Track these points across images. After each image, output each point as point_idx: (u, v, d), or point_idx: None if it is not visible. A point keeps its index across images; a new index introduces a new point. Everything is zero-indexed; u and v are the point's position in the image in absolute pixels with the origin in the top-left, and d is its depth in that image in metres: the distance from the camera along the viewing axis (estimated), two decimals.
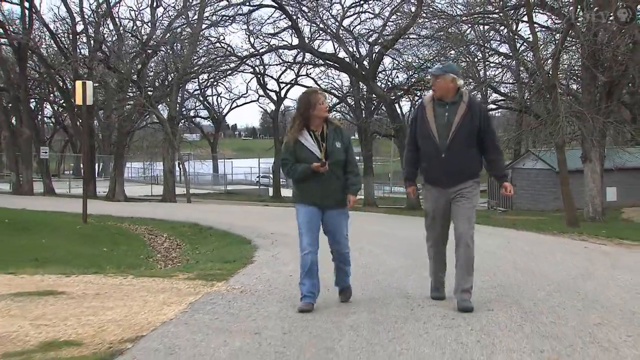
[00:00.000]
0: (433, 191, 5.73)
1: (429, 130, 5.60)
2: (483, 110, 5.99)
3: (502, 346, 4.38)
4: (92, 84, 15.41)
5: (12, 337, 4.64)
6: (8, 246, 9.70)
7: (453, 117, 5.54)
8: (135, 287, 6.53)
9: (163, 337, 4.63)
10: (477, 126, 5.59)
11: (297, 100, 5.88)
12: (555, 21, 24.46)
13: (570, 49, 23.06)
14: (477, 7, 27.99)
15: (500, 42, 30.59)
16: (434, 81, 5.70)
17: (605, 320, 5.15)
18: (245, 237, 11.97)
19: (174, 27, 33.95)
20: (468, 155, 5.58)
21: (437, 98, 5.66)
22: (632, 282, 6.89)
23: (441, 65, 6.04)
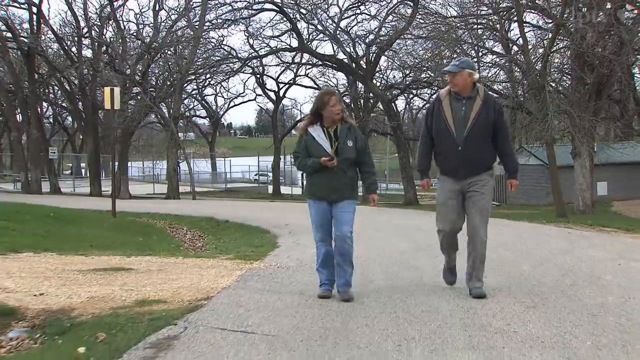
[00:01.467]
0: (448, 182, 5.96)
1: (446, 123, 5.83)
2: (498, 105, 6.10)
3: (493, 300, 5.73)
4: (119, 89, 16.66)
5: (111, 297, 5.99)
6: (64, 235, 11.00)
7: (470, 112, 5.78)
8: (188, 265, 7.89)
9: (229, 296, 5.98)
10: (492, 121, 5.82)
11: (315, 99, 6.16)
12: (547, 21, 25.85)
13: (559, 51, 24.30)
14: (471, 8, 29.36)
15: (494, 43, 31.90)
16: (452, 78, 5.86)
17: (576, 283, 6.55)
18: (262, 227, 13.36)
19: (176, 29, 35.23)
20: (483, 148, 5.81)
21: (455, 92, 5.86)
22: (602, 257, 8.30)
23: (457, 62, 6.11)
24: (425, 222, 15.21)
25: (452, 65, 6.00)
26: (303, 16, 33.54)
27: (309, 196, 6.01)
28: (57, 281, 6.62)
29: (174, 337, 4.57)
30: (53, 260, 7.88)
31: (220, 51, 35.91)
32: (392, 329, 4.76)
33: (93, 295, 6.05)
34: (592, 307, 5.39)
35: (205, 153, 58.74)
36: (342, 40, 33.97)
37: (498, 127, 5.86)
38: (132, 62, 33.67)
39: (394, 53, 34.71)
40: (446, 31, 25.90)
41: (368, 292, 6.11)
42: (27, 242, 9.33)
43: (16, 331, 5.37)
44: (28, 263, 7.54)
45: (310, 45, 34.84)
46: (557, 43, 24.93)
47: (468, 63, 6.12)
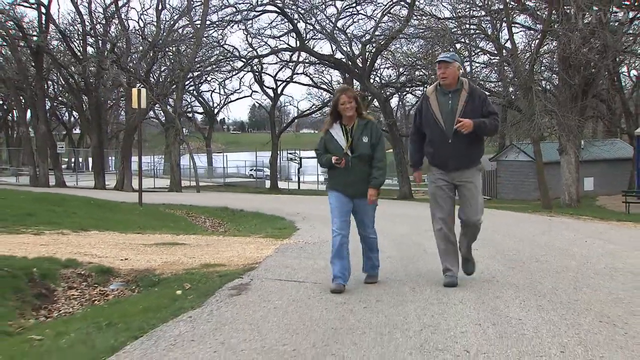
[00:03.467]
0: (439, 174, 6.15)
1: (434, 118, 6.01)
2: (482, 95, 6.23)
3: (482, 263, 7.43)
4: (145, 91, 18.25)
5: (180, 262, 7.67)
6: (112, 218, 12.64)
7: (456, 104, 5.95)
8: (229, 241, 9.58)
9: (273, 261, 7.65)
10: (479, 111, 5.97)
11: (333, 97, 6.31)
12: (536, 22, 27.56)
13: (546, 55, 25.97)
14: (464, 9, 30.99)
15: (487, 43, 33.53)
16: (444, 69, 5.97)
17: (548, 253, 8.27)
18: (277, 215, 15.06)
19: (178, 27, 36.82)
20: (472, 139, 5.99)
21: (443, 85, 6.03)
22: (574, 237, 10.06)
23: (449, 54, 6.25)
24: (419, 212, 16.93)
25: (444, 56, 6.15)
26: (301, 16, 35.17)
27: (330, 188, 6.18)
28: (131, 251, 8.30)
29: (245, 284, 6.24)
30: (117, 236, 9.57)
31: (220, 49, 37.53)
32: (405, 279, 6.46)
33: (166, 261, 7.74)
34: (557, 267, 7.12)
35: (201, 148, 60.25)
36: (339, 40, 35.61)
37: (483, 114, 5.99)
38: (136, 60, 35.23)
39: (390, 53, 36.33)
40: (441, 34, 27.36)
41: (384, 259, 7.81)
42: (88, 223, 11.01)
43: (115, 284, 7.07)
44: (99, 238, 9.22)
45: (307, 45, 36.50)
46: (547, 43, 26.70)
47: (456, 57, 6.35)
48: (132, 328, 4.72)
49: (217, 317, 4.96)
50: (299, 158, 49.90)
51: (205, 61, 37.19)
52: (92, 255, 7.79)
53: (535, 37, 25.98)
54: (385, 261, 7.62)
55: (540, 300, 5.42)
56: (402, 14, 34.56)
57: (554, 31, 23.77)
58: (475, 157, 6.15)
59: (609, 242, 9.48)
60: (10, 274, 6.40)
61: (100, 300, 6.64)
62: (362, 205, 6.08)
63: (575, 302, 5.37)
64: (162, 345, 4.23)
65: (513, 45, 23.83)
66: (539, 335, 4.35)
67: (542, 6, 26.26)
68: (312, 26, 35.88)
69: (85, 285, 6.93)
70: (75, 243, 8.65)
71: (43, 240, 8.74)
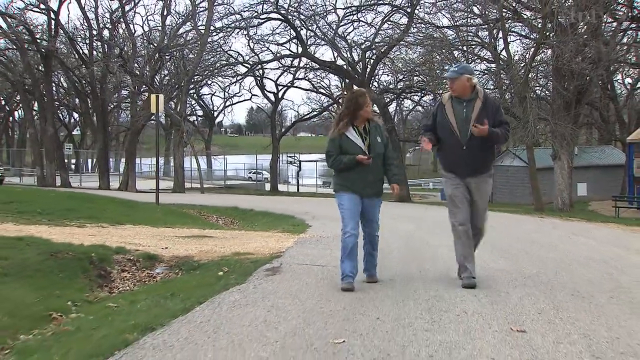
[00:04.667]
0: (452, 179, 6.41)
1: (449, 125, 6.25)
2: (495, 105, 6.48)
3: (478, 255, 8.62)
4: (163, 96, 19.38)
5: (214, 251, 8.84)
6: (138, 215, 13.80)
7: (471, 113, 6.18)
8: (250, 235, 10.75)
9: (296, 250, 8.82)
10: (492, 120, 6.19)
11: (346, 100, 6.49)
12: (532, 32, 28.80)
13: (540, 65, 27.19)
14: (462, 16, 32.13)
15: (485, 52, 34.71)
16: (451, 84, 6.31)
17: (535, 247, 9.48)
18: (287, 214, 16.24)
19: (182, 32, 38.05)
20: (485, 147, 6.27)
21: (455, 96, 6.30)
22: (560, 234, 11.29)
23: (456, 68, 6.45)
24: (420, 212, 18.17)
25: (451, 72, 6.42)
26: (303, 22, 36.41)
27: (341, 190, 6.29)
28: (168, 242, 9.47)
29: (277, 267, 7.40)
30: (150, 230, 10.74)
31: (224, 55, 38.76)
32: (413, 265, 7.65)
33: (201, 250, 8.91)
34: (542, 257, 8.32)
35: (201, 151, 61.35)
36: (340, 47, 36.85)
37: (495, 123, 6.21)
38: (142, 64, 36.42)
39: (390, 60, 37.55)
40: (440, 43, 28.49)
41: (392, 250, 9.00)
42: (121, 218, 12.19)
43: (160, 268, 8.23)
44: (135, 231, 10.39)
45: (309, 51, 37.74)
46: (542, 51, 27.93)
47: (466, 68, 6.50)
48: (193, 297, 5.86)
49: (262, 289, 6.13)
50: (299, 161, 51.06)
51: (209, 66, 38.37)
52: (136, 244, 8.96)
53: (530, 46, 27.22)
54: (394, 252, 8.82)
55: (525, 281, 6.60)
56: (401, 22, 35.89)
57: (548, 42, 25.05)
58: (487, 164, 6.45)
59: (591, 239, 10.71)
60: (75, 257, 7.56)
61: (149, 282, 7.79)
62: (372, 205, 6.36)
63: (554, 282, 6.56)
64: (225, 308, 5.39)
65: (508, 55, 25.12)
66: (522, 303, 5.53)
67: (538, 16, 27.52)
68: (314, 33, 37.15)
69: (135, 269, 8.08)
70: (117, 234, 9.82)
71: (89, 232, 9.91)
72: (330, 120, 61.66)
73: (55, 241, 8.33)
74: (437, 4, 31.61)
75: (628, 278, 6.90)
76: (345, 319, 4.96)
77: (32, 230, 9.30)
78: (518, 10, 27.75)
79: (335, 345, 4.25)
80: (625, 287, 6.34)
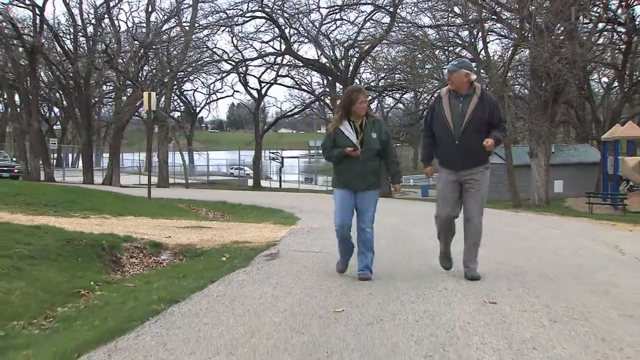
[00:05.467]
0: (446, 174, 6.56)
1: (444, 119, 6.40)
2: (493, 102, 6.57)
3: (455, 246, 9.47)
4: (155, 94, 20.03)
5: (213, 239, 9.59)
6: (136, 208, 14.48)
7: (466, 108, 6.32)
8: (245, 226, 11.52)
9: (289, 239, 9.60)
10: (487, 116, 6.34)
11: (343, 95, 6.73)
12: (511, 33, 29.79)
13: (517, 67, 28.17)
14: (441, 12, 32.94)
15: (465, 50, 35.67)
16: (449, 76, 6.47)
17: (510, 238, 10.35)
18: (275, 208, 17.01)
19: (166, 29, 38.61)
20: (479, 142, 6.27)
21: (453, 90, 6.43)
22: (534, 227, 12.18)
23: (456, 62, 6.71)
24: (403, 207, 19.01)
25: (451, 65, 6.67)
26: (287, 20, 37.16)
27: (336, 185, 6.57)
28: (170, 231, 10.22)
29: (275, 254, 8.18)
30: (150, 221, 11.47)
31: (208, 52, 39.36)
32: (399, 252, 8.47)
33: (202, 238, 9.67)
34: (516, 246, 9.19)
35: (184, 146, 61.77)
36: (323, 45, 37.65)
37: (493, 120, 6.40)
38: (126, 60, 36.93)
39: (371, 58, 38.40)
40: (421, 42, 29.34)
41: (379, 239, 9.79)
42: (121, 210, 12.89)
43: (165, 255, 8.98)
44: (137, 222, 11.12)
45: (292, 48, 38.49)
46: (521, 51, 28.89)
47: (466, 64, 6.68)
48: (204, 278, 6.61)
49: (265, 271, 6.91)
50: (281, 157, 51.77)
51: (193, 63, 38.93)
52: (141, 234, 9.69)
53: (509, 46, 28.20)
54: (380, 241, 9.61)
55: (499, 265, 7.44)
56: (384, 21, 36.75)
57: (525, 44, 26.02)
58: (482, 157, 6.48)
59: (561, 231, 11.62)
60: (89, 244, 8.29)
61: (156, 267, 8.53)
62: (363, 198, 6.48)
63: (525, 266, 7.41)
64: (235, 285, 6.17)
65: (487, 56, 26.03)
66: (495, 282, 6.36)
67: (517, 17, 28.47)
68: (297, 30, 37.92)
69: (142, 255, 8.82)
70: (121, 225, 10.55)
71: (94, 222, 10.62)
72: (312, 117, 62.54)
73: (68, 230, 9.04)
74: (419, 5, 32.52)
75: (591, 264, 7.77)
76: (343, 294, 5.76)
77: (42, 220, 9.98)
78: (497, 11, 28.68)
79: (336, 313, 5.04)
80: (587, 271, 7.20)
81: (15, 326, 5.15)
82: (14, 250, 7.08)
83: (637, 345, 4.20)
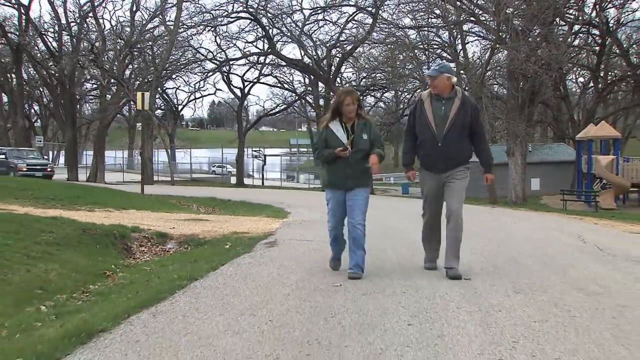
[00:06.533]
0: (428, 176, 6.71)
1: (427, 121, 6.50)
2: (474, 106, 6.69)
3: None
4: (149, 94, 20.84)
5: (214, 230, 10.51)
6: (135, 203, 15.31)
7: (449, 111, 6.43)
8: (241, 219, 12.43)
9: (284, 230, 10.54)
10: (469, 119, 6.47)
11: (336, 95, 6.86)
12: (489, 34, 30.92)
13: (494, 69, 29.32)
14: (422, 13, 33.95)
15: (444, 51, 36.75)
16: (431, 81, 6.55)
17: (484, 230, 11.38)
18: (264, 204, 17.93)
19: (150, 28, 39.31)
20: (461, 144, 6.50)
21: (435, 94, 6.52)
22: (506, 220, 13.24)
23: (437, 67, 6.72)
24: (381, 202, 20.02)
25: (432, 70, 6.69)
26: (270, 21, 38.00)
27: (327, 186, 6.75)
28: (173, 223, 11.12)
29: (273, 242, 9.11)
30: (152, 214, 12.35)
31: (192, 51, 40.14)
32: (384, 241, 9.45)
33: (203, 229, 10.58)
34: (490, 236, 10.21)
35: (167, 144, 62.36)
36: (306, 45, 38.57)
37: (475, 125, 6.55)
38: (111, 59, 37.60)
39: (354, 58, 39.39)
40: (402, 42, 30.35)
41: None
42: (123, 204, 13.74)
43: (171, 244, 9.89)
44: (140, 215, 12.00)
45: (276, 48, 39.36)
46: (499, 51, 29.98)
47: (447, 68, 6.76)
48: (214, 261, 7.53)
49: (267, 256, 7.85)
50: (264, 156, 52.63)
51: (177, 62, 39.66)
52: (147, 225, 10.57)
53: (488, 47, 29.35)
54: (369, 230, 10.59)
55: (474, 251, 8.43)
56: (367, 22, 37.74)
57: (502, 46, 27.15)
58: (462, 159, 6.60)
59: (531, 224, 12.69)
60: (103, 233, 9.17)
61: (164, 254, 9.43)
62: (354, 194, 6.59)
63: (496, 252, 8.43)
64: (243, 267, 7.10)
65: (465, 57, 27.14)
66: (469, 264, 7.33)
67: (494, 19, 29.55)
68: (280, 30, 38.78)
69: (150, 244, 9.72)
70: (126, 217, 11.42)
71: (101, 215, 11.49)
72: (294, 115, 63.45)
73: (80, 221, 9.91)
74: (400, 6, 33.53)
75: (554, 250, 8.80)
76: (339, 274, 6.69)
77: (54, 212, 10.82)
78: (476, 14, 29.77)
79: (335, 287, 6.00)
80: (550, 256, 8.22)
81: (59, 298, 6.05)
82: (41, 238, 7.97)
83: (581, 309, 5.21)
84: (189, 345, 4.17)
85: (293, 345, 4.18)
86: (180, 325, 4.64)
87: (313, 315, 4.94)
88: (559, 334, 4.46)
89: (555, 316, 4.95)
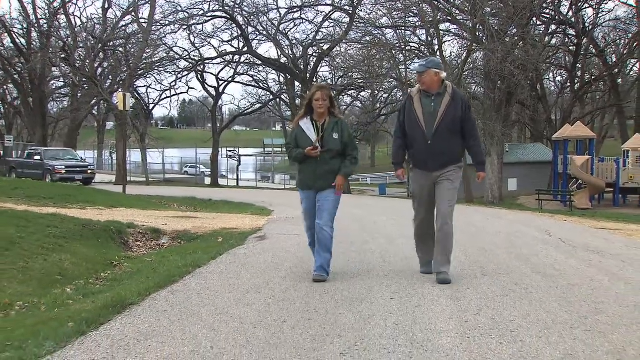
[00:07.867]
0: (420, 174, 6.69)
1: (416, 119, 6.47)
2: (465, 101, 6.62)
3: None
4: (129, 95, 21.70)
5: (204, 226, 11.50)
6: (122, 201, 16.21)
7: (438, 107, 6.40)
8: (228, 216, 13.44)
9: (270, 226, 11.57)
10: (460, 115, 6.42)
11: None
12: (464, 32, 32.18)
13: (471, 70, 30.59)
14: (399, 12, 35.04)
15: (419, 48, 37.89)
16: (419, 77, 6.50)
17: (458, 224, 12.49)
18: (246, 203, 18.93)
19: (123, 25, 40.07)
20: (451, 141, 6.47)
21: (423, 90, 6.49)
22: (481, 217, 14.42)
23: (424, 62, 6.66)
24: (361, 201, 21.14)
25: (419, 65, 6.61)
26: (246, 19, 38.96)
27: (299, 186, 6.84)
28: (164, 220, 12.09)
29: (263, 236, 10.13)
30: (142, 212, 13.30)
31: (166, 49, 40.93)
32: (367, 235, 10.52)
33: (194, 225, 11.58)
34: (463, 230, 11.30)
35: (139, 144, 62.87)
36: (282, 44, 39.62)
37: (465, 122, 6.49)
38: (83, 57, 38.28)
39: (331, 58, 40.47)
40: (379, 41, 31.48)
41: (349, 226, 11.86)
42: (112, 203, 14.67)
43: (165, 239, 10.87)
44: (131, 212, 12.95)
45: (252, 47, 40.36)
46: (476, 50, 31.21)
47: (435, 63, 6.67)
48: (212, 252, 8.52)
49: (260, 247, 8.89)
50: (239, 156, 53.50)
51: (148, 58, 40.32)
52: (140, 222, 11.54)
53: (464, 48, 30.63)
54: (352, 226, 11.69)
55: None
56: (344, 21, 38.84)
57: (478, 48, 28.45)
58: (453, 157, 6.55)
59: (503, 220, 13.87)
60: (101, 229, 10.13)
61: (159, 249, 10.41)
62: (323, 196, 6.61)
63: (468, 244, 9.54)
64: (240, 257, 8.12)
65: (442, 56, 28.37)
66: None
67: (470, 19, 30.79)
68: (255, 29, 39.75)
69: (145, 239, 10.69)
70: (118, 215, 12.37)
71: (94, 213, 12.43)
72: (269, 114, 64.32)
73: (79, 217, 10.85)
74: (377, 6, 34.73)
75: (521, 242, 9.95)
76: None
77: (50, 210, 11.73)
78: (452, 13, 31.02)
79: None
80: (517, 246, 9.36)
81: (79, 283, 7.02)
82: (49, 232, 8.91)
83: (537, 287, 6.32)
84: (209, 313, 5.20)
85: (296, 313, 5.22)
86: (198, 300, 5.66)
87: (309, 293, 5.98)
88: (515, 305, 5.55)
89: (514, 292, 6.06)
